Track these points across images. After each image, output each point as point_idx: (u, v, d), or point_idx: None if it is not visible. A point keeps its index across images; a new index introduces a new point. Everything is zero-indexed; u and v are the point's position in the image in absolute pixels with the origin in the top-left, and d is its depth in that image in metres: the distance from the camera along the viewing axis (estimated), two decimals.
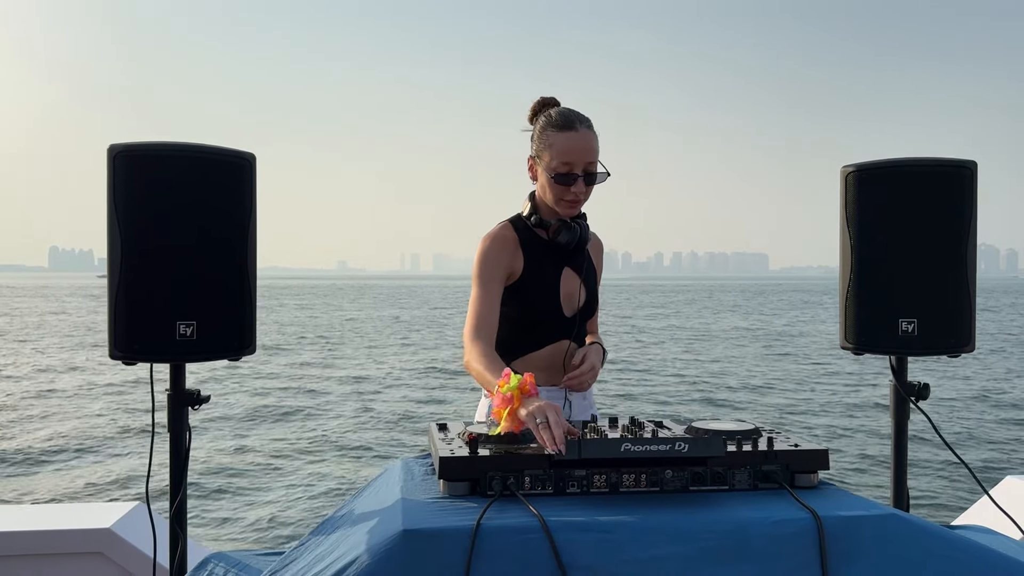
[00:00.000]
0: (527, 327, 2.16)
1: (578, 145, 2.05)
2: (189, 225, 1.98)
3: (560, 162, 2.06)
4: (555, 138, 2.06)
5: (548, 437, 1.46)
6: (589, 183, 2.09)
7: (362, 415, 12.73)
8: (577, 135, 2.06)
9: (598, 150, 2.09)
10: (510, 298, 2.14)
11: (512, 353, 2.17)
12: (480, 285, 2.09)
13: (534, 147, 2.14)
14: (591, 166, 2.08)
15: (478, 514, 1.31)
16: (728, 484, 1.50)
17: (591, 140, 2.07)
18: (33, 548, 2.63)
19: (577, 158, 2.05)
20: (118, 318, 1.95)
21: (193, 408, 2.11)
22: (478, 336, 2.00)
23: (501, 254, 2.12)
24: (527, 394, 1.63)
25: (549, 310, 2.15)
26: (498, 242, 2.14)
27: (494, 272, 2.10)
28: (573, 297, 2.19)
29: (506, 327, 2.17)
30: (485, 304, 2.07)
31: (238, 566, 1.64)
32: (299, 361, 20.33)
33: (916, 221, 2.14)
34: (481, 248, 2.14)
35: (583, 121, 2.08)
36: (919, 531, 1.37)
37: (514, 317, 2.15)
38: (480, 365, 1.91)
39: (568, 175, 2.06)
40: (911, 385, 2.24)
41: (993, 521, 2.00)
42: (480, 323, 2.04)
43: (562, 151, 2.05)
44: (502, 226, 2.18)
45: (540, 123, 2.12)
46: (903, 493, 2.25)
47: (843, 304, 2.22)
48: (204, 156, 1.99)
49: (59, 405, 13.56)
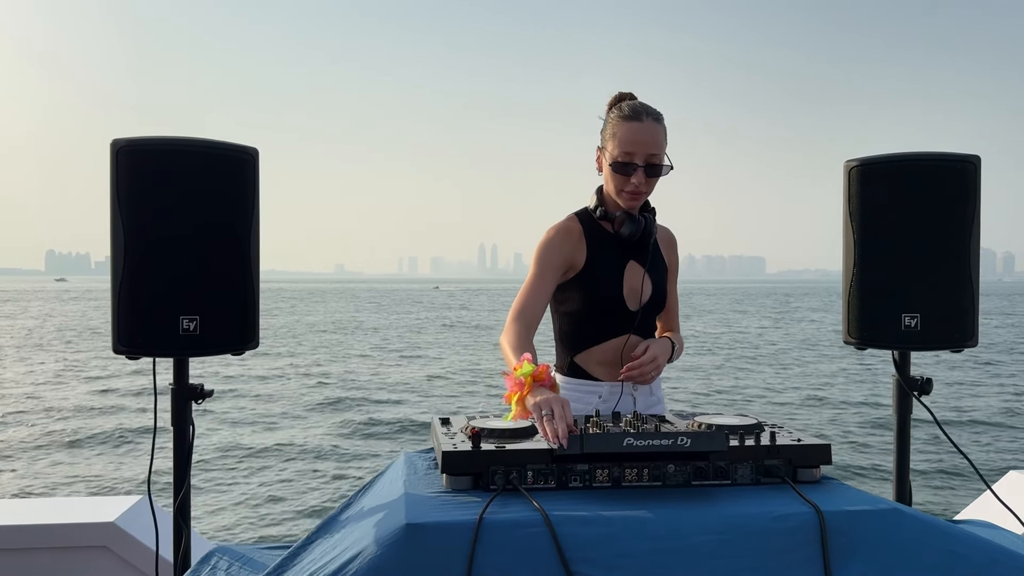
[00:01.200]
0: (589, 319, 2.16)
1: (641, 136, 2.04)
2: (192, 220, 1.98)
3: (622, 151, 2.05)
4: (620, 128, 2.06)
5: (551, 430, 1.46)
6: (650, 175, 2.07)
7: (368, 414, 12.75)
8: (641, 126, 2.04)
9: (664, 144, 2.08)
10: (573, 290, 2.15)
11: (576, 345, 2.17)
12: (535, 270, 2.11)
13: (602, 138, 2.14)
14: (653, 158, 2.06)
15: (481, 508, 1.32)
16: (730, 479, 1.50)
17: (656, 132, 2.06)
18: (37, 542, 2.64)
19: (638, 148, 2.04)
20: (121, 313, 1.95)
21: (196, 402, 2.11)
22: (518, 319, 2.02)
23: (563, 244, 2.13)
24: (540, 383, 1.63)
25: (611, 302, 2.15)
26: (562, 233, 2.15)
27: (552, 260, 2.11)
28: (637, 291, 2.17)
29: (569, 319, 2.17)
30: (534, 290, 2.08)
31: (242, 559, 1.65)
32: (309, 358, 20.35)
33: (919, 215, 2.14)
34: (544, 237, 2.15)
35: (650, 113, 2.07)
36: (921, 525, 1.37)
37: (577, 309, 2.15)
38: (509, 346, 1.93)
39: (627, 164, 2.06)
40: (914, 380, 2.24)
41: (996, 516, 2.00)
42: (524, 306, 2.05)
43: (624, 140, 2.05)
44: (568, 218, 2.20)
45: (611, 115, 2.12)
46: (905, 487, 2.25)
47: (846, 298, 2.22)
48: (207, 151, 1.99)
49: (64, 398, 13.59)
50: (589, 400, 2.14)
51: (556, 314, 2.21)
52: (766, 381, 16.12)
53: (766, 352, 22.12)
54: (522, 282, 2.12)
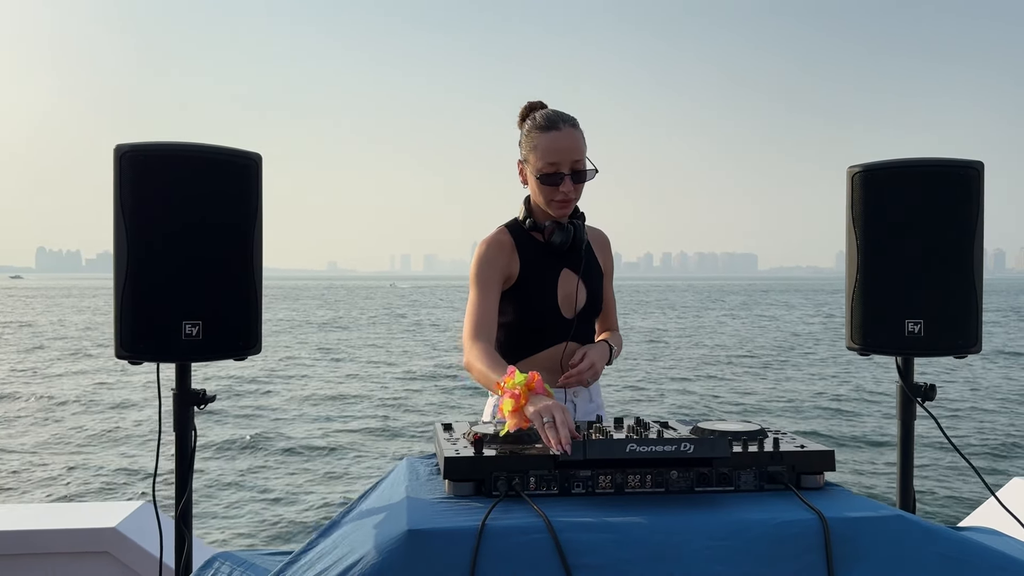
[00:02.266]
0: (526, 330, 2.17)
1: (562, 144, 2.05)
2: (195, 225, 1.98)
3: (546, 163, 2.06)
4: (539, 139, 2.07)
5: (554, 437, 1.46)
6: (577, 181, 2.08)
7: (378, 415, 12.74)
8: (560, 134, 2.05)
9: (584, 148, 2.08)
10: (508, 302, 2.15)
11: (513, 356, 2.17)
12: (478, 288, 2.11)
13: (522, 151, 2.14)
14: (578, 164, 2.07)
15: (483, 514, 1.31)
16: (733, 485, 1.50)
17: (576, 138, 2.06)
18: (39, 547, 2.64)
19: (562, 157, 2.05)
20: (124, 318, 1.95)
21: (198, 408, 2.11)
22: (478, 337, 2.01)
23: (497, 258, 2.13)
24: (535, 391, 1.62)
25: (547, 312, 2.16)
26: (494, 247, 2.15)
27: (491, 275, 2.11)
28: (572, 298, 2.18)
29: (506, 331, 2.18)
30: (483, 306, 2.08)
31: (244, 565, 1.64)
32: (305, 361, 20.36)
33: (923, 221, 2.13)
34: (477, 253, 2.16)
35: (567, 120, 2.07)
36: (925, 533, 1.36)
37: (513, 320, 2.16)
38: (482, 364, 1.92)
39: (554, 175, 2.06)
40: (917, 386, 2.23)
41: (1000, 523, 1.99)
42: (479, 324, 2.05)
43: (546, 151, 2.05)
44: (498, 231, 2.20)
45: (526, 127, 2.12)
46: (909, 494, 2.24)
47: (849, 304, 2.21)
48: (211, 156, 1.99)
49: (66, 404, 13.61)
50: None
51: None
52: (770, 381, 16.12)
53: (772, 350, 22.12)
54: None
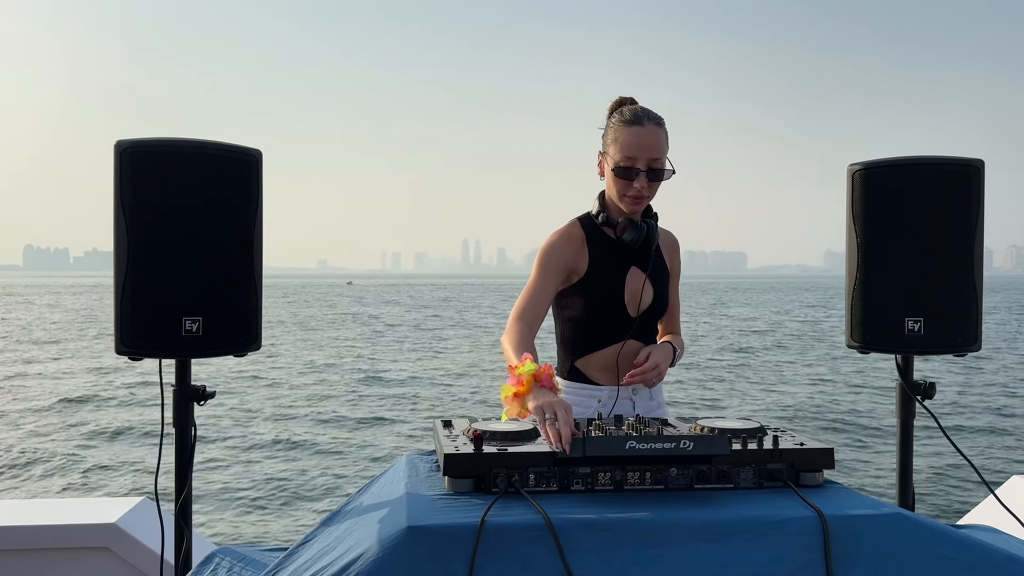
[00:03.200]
0: (591, 326, 2.16)
1: (642, 140, 2.05)
2: (195, 221, 1.98)
3: (623, 156, 2.06)
4: (622, 132, 2.07)
5: (554, 434, 1.46)
6: (652, 179, 2.08)
7: (374, 411, 12.75)
8: (643, 130, 2.05)
9: (665, 148, 2.08)
10: (575, 296, 2.15)
11: (576, 351, 2.18)
12: (537, 273, 2.11)
13: (604, 143, 2.14)
14: (655, 162, 2.07)
15: (482, 511, 1.31)
16: (733, 482, 1.50)
17: (657, 136, 2.06)
18: (39, 543, 2.64)
19: (640, 153, 2.05)
20: (124, 314, 1.95)
21: (199, 404, 2.11)
22: (520, 319, 2.02)
23: (565, 250, 2.14)
24: (540, 384, 1.62)
25: (612, 309, 2.15)
26: (564, 238, 2.15)
27: (553, 265, 2.12)
28: (638, 297, 2.17)
29: (572, 325, 2.18)
30: (536, 292, 2.08)
31: (244, 560, 1.65)
32: (307, 357, 20.37)
33: (923, 220, 2.13)
34: (547, 240, 2.16)
35: (652, 118, 2.07)
36: (924, 530, 1.36)
37: (578, 315, 2.16)
38: (510, 345, 1.94)
39: (629, 169, 2.06)
40: (917, 384, 2.23)
41: (999, 521, 1.99)
42: (526, 308, 2.05)
43: (626, 145, 2.05)
44: (570, 223, 2.20)
45: (613, 119, 2.12)
46: (908, 492, 2.24)
47: (849, 302, 2.21)
48: (211, 152, 1.99)
49: (70, 399, 13.62)
50: (589, 404, 2.15)
51: (558, 319, 2.22)
52: (771, 378, 16.12)
53: (771, 348, 22.13)
54: (506, 277, 2.12)
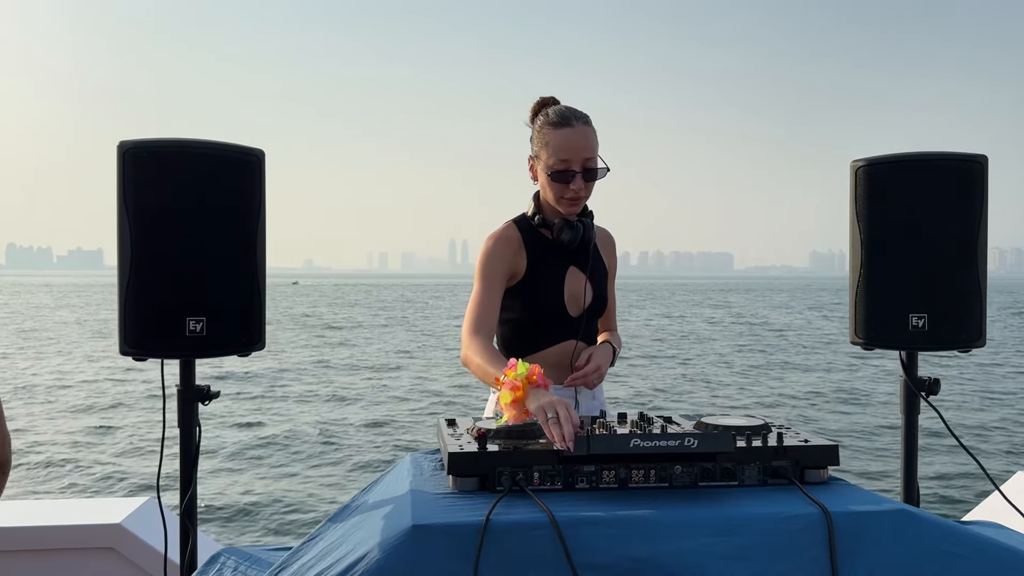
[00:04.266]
0: (532, 327, 2.16)
1: (574, 142, 2.04)
2: (199, 221, 1.98)
3: (557, 159, 2.04)
4: (551, 136, 2.05)
5: (557, 433, 1.46)
6: (588, 179, 2.07)
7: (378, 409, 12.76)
8: (573, 131, 2.04)
9: (596, 146, 2.07)
10: (515, 298, 2.14)
11: (518, 353, 2.17)
12: (481, 282, 2.10)
13: (533, 147, 2.13)
14: (589, 162, 2.06)
15: (487, 509, 1.31)
16: (737, 480, 1.50)
17: (588, 136, 2.05)
18: (44, 543, 2.65)
19: (574, 155, 2.04)
20: (128, 314, 1.96)
21: (203, 404, 2.11)
22: (477, 331, 2.01)
23: (504, 253, 2.13)
24: (535, 385, 1.62)
25: (553, 309, 2.15)
26: (501, 242, 2.14)
27: (496, 270, 2.11)
28: (579, 296, 2.18)
29: (512, 327, 2.17)
30: (485, 301, 2.07)
31: (249, 559, 1.65)
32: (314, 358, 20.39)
33: (926, 216, 2.13)
34: (484, 247, 2.15)
35: (579, 117, 2.06)
36: (929, 527, 1.36)
37: (519, 317, 2.15)
38: (480, 359, 1.92)
39: (565, 172, 2.05)
40: (921, 380, 2.23)
41: (1004, 517, 1.99)
42: (480, 319, 2.04)
43: (558, 148, 2.04)
44: (506, 226, 2.19)
45: (538, 123, 2.11)
46: (913, 488, 2.24)
47: (853, 299, 2.21)
48: (214, 152, 2.00)
49: (72, 399, 13.64)
50: None
51: (498, 322, 2.20)
52: (774, 376, 16.11)
53: (774, 347, 22.11)
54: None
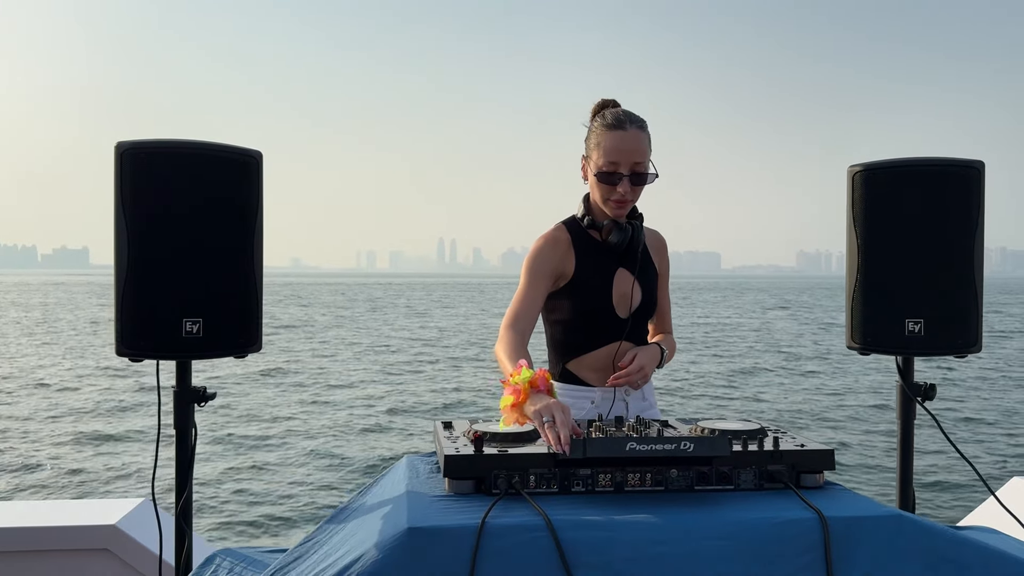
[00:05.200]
0: (580, 328, 2.16)
1: (624, 145, 2.04)
2: (196, 222, 1.98)
3: (606, 161, 2.06)
4: (604, 137, 2.07)
5: (553, 437, 1.46)
6: (636, 183, 2.08)
7: (376, 411, 12.75)
8: (625, 135, 2.05)
9: (648, 151, 2.08)
10: (563, 299, 2.15)
11: (566, 353, 2.18)
12: (526, 280, 2.11)
13: (587, 147, 2.15)
14: (638, 166, 2.07)
15: (483, 512, 1.31)
16: (733, 484, 1.50)
17: (640, 140, 2.06)
18: (39, 544, 2.64)
19: (623, 158, 2.05)
20: (125, 315, 1.95)
21: (199, 405, 2.11)
22: (512, 327, 2.02)
23: (552, 254, 2.14)
24: (537, 389, 1.62)
25: (601, 311, 2.15)
26: (550, 243, 2.16)
27: (542, 270, 2.12)
28: (627, 297, 2.18)
29: (561, 328, 2.18)
30: (527, 299, 2.08)
31: (245, 561, 1.65)
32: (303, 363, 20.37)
33: (923, 221, 2.13)
34: (534, 246, 2.17)
35: (634, 121, 2.07)
36: (925, 532, 1.36)
37: (568, 318, 2.16)
38: (504, 354, 1.93)
39: (612, 174, 2.06)
40: (917, 385, 2.23)
41: (999, 522, 1.99)
42: (518, 315, 2.05)
43: (608, 150, 2.05)
44: (556, 227, 2.20)
45: (595, 123, 2.12)
46: (909, 493, 2.24)
47: (850, 304, 2.21)
48: (211, 154, 2.00)
49: (66, 399, 13.62)
50: (582, 406, 2.15)
51: (547, 323, 2.22)
52: (769, 380, 16.12)
53: (771, 350, 22.12)
54: (481, 277, 2.11)
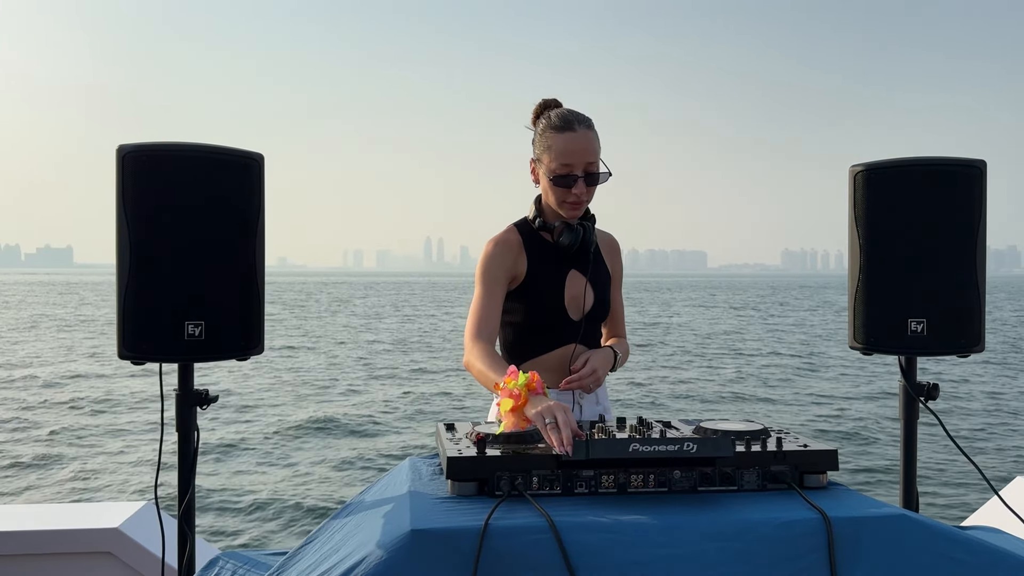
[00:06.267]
0: (533, 330, 2.16)
1: (577, 146, 2.04)
2: (198, 225, 1.98)
3: (559, 163, 2.05)
4: (554, 139, 2.05)
5: (556, 438, 1.46)
6: (590, 184, 2.07)
7: (373, 410, 12.75)
8: (576, 136, 2.04)
9: (598, 150, 2.08)
10: (515, 301, 2.14)
11: (519, 356, 2.17)
12: (482, 286, 2.10)
13: (535, 150, 2.13)
14: (591, 166, 2.06)
15: (486, 514, 1.31)
16: (737, 485, 1.50)
17: (590, 140, 2.05)
18: (41, 547, 2.64)
19: (576, 159, 2.04)
20: (126, 318, 1.95)
21: (201, 408, 2.11)
22: (479, 336, 2.01)
23: (504, 257, 2.13)
24: (535, 392, 1.62)
25: (553, 313, 2.15)
26: (501, 245, 2.15)
27: (496, 274, 2.11)
28: (579, 299, 2.17)
29: (513, 330, 2.17)
30: (487, 305, 2.08)
31: (248, 563, 1.65)
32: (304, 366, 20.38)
33: (925, 221, 2.13)
34: (485, 251, 2.15)
35: (582, 121, 2.06)
36: (929, 532, 1.36)
37: (520, 320, 2.15)
38: (482, 364, 1.92)
39: (567, 176, 2.05)
40: (920, 385, 2.23)
41: (1003, 522, 1.98)
42: (481, 323, 2.05)
43: (561, 152, 2.04)
44: (507, 229, 2.19)
45: (540, 125, 2.11)
46: (913, 493, 2.23)
47: (852, 304, 2.21)
48: (212, 156, 2.00)
49: (71, 401, 13.63)
50: None
51: (500, 325, 2.20)
52: (773, 380, 16.12)
53: (774, 349, 22.11)
54: (469, 276, 2.10)
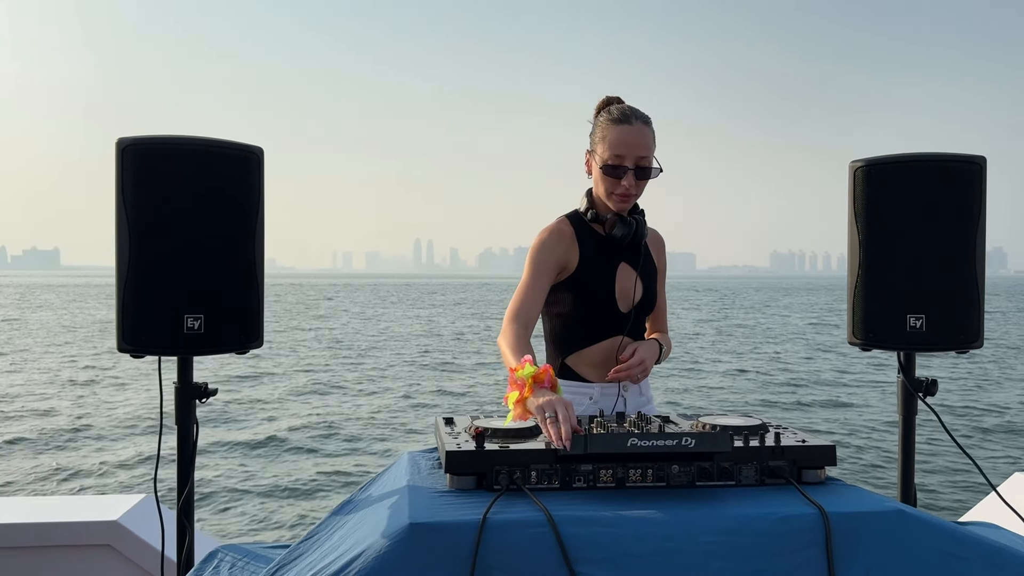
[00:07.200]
0: (582, 321, 2.17)
1: (630, 139, 2.06)
2: (197, 218, 1.98)
3: (612, 154, 2.07)
4: (609, 131, 2.08)
5: (555, 432, 1.46)
6: (640, 178, 2.10)
7: (373, 406, 12.77)
8: (631, 129, 2.07)
9: (652, 147, 2.10)
10: (565, 292, 2.16)
11: (567, 347, 2.18)
12: (530, 272, 2.12)
13: (592, 141, 2.16)
14: (643, 160, 2.09)
15: (484, 508, 1.31)
16: (735, 479, 1.50)
17: (645, 135, 2.08)
18: (41, 540, 2.65)
19: (628, 151, 2.07)
20: (126, 311, 1.96)
21: (200, 401, 2.11)
22: (515, 319, 2.03)
23: (557, 246, 2.15)
24: (540, 384, 1.63)
25: (603, 305, 2.16)
26: (554, 235, 2.16)
27: (545, 261, 2.12)
28: (629, 292, 2.19)
29: (562, 321, 2.18)
30: (530, 291, 2.09)
31: (247, 556, 1.65)
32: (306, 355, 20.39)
33: (925, 216, 2.13)
34: (537, 239, 2.18)
35: (639, 116, 2.09)
36: (926, 527, 1.36)
37: (569, 311, 2.16)
38: (508, 347, 1.94)
39: (617, 167, 2.07)
40: (919, 381, 2.23)
41: (1001, 518, 1.99)
42: (521, 307, 2.06)
43: (614, 143, 2.07)
44: (559, 220, 2.21)
45: (600, 118, 2.14)
46: (911, 489, 2.24)
47: (851, 299, 2.21)
48: (212, 149, 2.00)
49: (73, 395, 13.64)
50: (580, 402, 2.16)
51: (547, 316, 2.22)
52: (773, 375, 16.14)
53: (772, 346, 22.14)
54: (458, 278, 2.10)
